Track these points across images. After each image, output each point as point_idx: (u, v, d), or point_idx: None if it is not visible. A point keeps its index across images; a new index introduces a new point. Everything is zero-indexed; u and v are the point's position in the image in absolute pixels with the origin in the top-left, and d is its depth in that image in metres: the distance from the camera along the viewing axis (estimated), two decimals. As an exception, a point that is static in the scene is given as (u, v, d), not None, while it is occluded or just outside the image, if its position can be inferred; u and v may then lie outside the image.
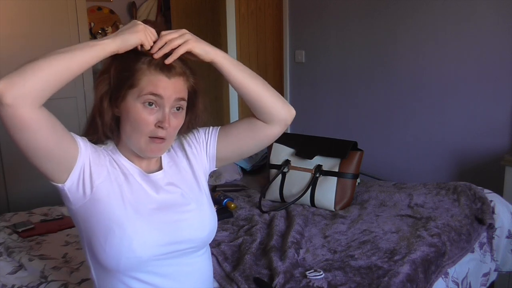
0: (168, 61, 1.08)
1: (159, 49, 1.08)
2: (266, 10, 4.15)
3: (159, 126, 1.08)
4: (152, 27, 1.10)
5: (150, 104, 1.08)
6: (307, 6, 3.50)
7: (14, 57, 3.20)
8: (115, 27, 4.91)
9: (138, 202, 1.12)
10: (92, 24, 4.72)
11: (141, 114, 1.08)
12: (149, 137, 1.10)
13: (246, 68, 1.20)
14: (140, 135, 1.09)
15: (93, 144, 1.12)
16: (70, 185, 1.05)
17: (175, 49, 1.09)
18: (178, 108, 1.12)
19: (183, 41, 1.09)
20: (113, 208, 1.08)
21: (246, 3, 4.20)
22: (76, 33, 3.46)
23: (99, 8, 4.83)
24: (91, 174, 1.07)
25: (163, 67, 1.08)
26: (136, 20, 1.08)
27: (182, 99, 1.12)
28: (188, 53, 1.11)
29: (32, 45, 3.27)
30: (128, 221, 1.08)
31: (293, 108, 1.26)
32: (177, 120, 1.13)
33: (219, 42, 4.31)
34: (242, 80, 1.17)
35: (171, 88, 1.09)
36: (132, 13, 5.06)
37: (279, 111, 1.22)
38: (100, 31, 4.79)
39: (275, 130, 1.25)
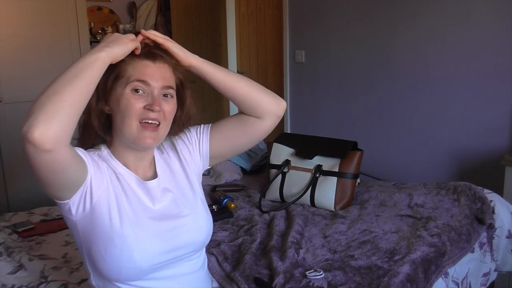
0: (145, 33, 1.09)
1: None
2: (266, 10, 4.15)
3: (149, 109, 1.07)
4: None
5: (138, 91, 1.08)
6: (307, 6, 3.50)
7: (14, 57, 3.21)
8: (115, 27, 4.91)
9: (136, 213, 1.10)
10: (92, 24, 4.72)
11: (130, 100, 1.07)
12: (141, 122, 1.07)
13: (228, 70, 1.21)
14: (131, 121, 1.07)
15: (90, 154, 1.10)
16: (74, 200, 1.04)
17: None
18: (167, 95, 1.12)
19: (164, 39, 1.12)
20: (112, 219, 1.06)
21: (246, 3, 4.20)
22: (76, 33, 3.47)
23: (99, 8, 4.83)
24: (92, 187, 1.05)
25: (148, 54, 1.10)
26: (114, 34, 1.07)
27: (170, 87, 1.12)
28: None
29: (32, 45, 3.28)
30: (128, 231, 1.07)
31: (283, 101, 1.25)
32: (169, 105, 1.11)
33: (219, 42, 4.32)
34: (225, 79, 1.18)
35: (158, 74, 1.09)
36: (132, 13, 5.06)
37: (268, 105, 1.22)
38: (100, 31, 4.79)
39: (267, 124, 1.23)
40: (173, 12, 4.58)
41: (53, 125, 0.87)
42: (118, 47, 1.02)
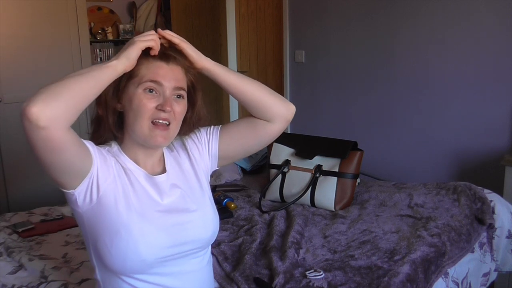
0: (161, 32, 1.12)
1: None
2: (266, 10, 4.15)
3: (160, 109, 1.10)
4: None
5: (151, 90, 1.10)
6: (307, 6, 3.50)
7: (14, 57, 3.21)
8: (115, 27, 4.91)
9: (143, 206, 1.12)
10: (92, 24, 4.72)
11: (142, 100, 1.10)
12: (152, 122, 1.10)
13: (239, 73, 1.23)
14: (143, 120, 1.10)
15: (99, 148, 1.12)
16: (80, 191, 1.05)
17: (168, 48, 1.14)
18: (179, 96, 1.14)
19: (180, 40, 1.14)
20: (119, 211, 1.08)
21: (246, 3, 4.20)
22: (76, 33, 3.47)
23: (99, 8, 4.83)
24: (98, 179, 1.07)
25: (161, 55, 1.12)
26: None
27: (182, 88, 1.14)
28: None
29: (32, 45, 3.28)
30: (134, 224, 1.08)
31: (292, 105, 1.27)
32: (180, 106, 1.14)
33: (219, 42, 4.32)
34: (236, 82, 1.20)
35: (170, 75, 1.12)
36: (132, 13, 5.06)
37: (279, 109, 1.23)
38: (100, 31, 4.79)
39: (276, 127, 1.25)
40: (173, 12, 4.58)
41: (51, 105, 0.90)
42: (125, 53, 1.06)
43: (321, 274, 1.55)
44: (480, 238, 1.98)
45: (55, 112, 0.90)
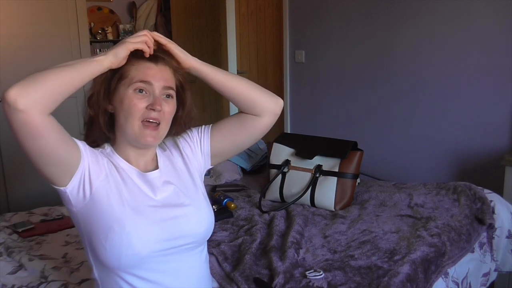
0: (149, 34, 1.15)
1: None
2: (266, 10, 4.15)
3: (150, 109, 1.13)
4: None
5: (141, 91, 1.13)
6: (307, 6, 3.50)
7: (14, 57, 3.21)
8: (115, 27, 4.92)
9: (136, 201, 1.14)
10: (92, 24, 4.72)
11: (133, 100, 1.13)
12: (143, 122, 1.13)
13: (225, 71, 1.28)
14: (133, 120, 1.13)
15: (92, 149, 1.15)
16: (71, 188, 1.08)
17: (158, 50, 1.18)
18: (168, 96, 1.17)
19: (167, 41, 1.18)
20: (112, 207, 1.10)
21: (246, 3, 4.20)
22: (76, 33, 3.46)
23: (99, 8, 4.83)
24: (90, 176, 1.10)
25: (150, 56, 1.15)
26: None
27: (171, 88, 1.17)
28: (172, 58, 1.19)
29: (32, 45, 3.27)
30: (127, 218, 1.10)
31: (280, 99, 1.30)
32: (169, 106, 1.17)
33: (219, 42, 4.32)
34: (223, 79, 1.23)
35: (159, 75, 1.15)
36: (132, 13, 5.06)
37: (266, 103, 1.27)
38: (100, 31, 4.79)
39: (266, 121, 1.28)
40: (173, 12, 4.58)
41: (29, 89, 0.94)
42: (114, 51, 1.09)
43: (321, 274, 1.55)
44: (480, 238, 1.98)
45: (33, 97, 0.94)
